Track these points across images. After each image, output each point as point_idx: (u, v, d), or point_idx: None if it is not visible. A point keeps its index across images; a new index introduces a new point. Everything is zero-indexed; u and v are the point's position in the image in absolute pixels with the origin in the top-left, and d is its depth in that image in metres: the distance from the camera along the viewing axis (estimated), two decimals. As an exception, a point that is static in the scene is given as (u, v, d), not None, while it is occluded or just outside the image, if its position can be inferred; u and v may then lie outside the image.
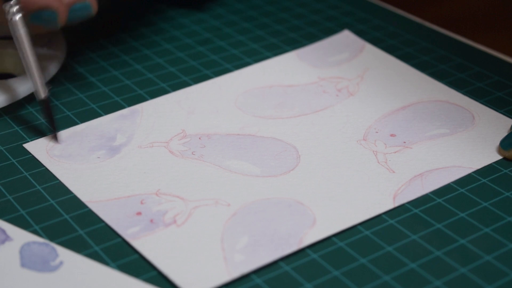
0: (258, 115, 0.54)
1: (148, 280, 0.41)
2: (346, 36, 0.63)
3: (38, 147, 0.51)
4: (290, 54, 0.61)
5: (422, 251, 0.43)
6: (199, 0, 0.69)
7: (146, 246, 0.43)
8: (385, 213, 0.46)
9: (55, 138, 0.52)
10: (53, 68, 0.56)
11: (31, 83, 0.52)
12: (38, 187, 0.47)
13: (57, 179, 0.48)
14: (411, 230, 0.45)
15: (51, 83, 0.58)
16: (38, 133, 0.52)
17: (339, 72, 0.59)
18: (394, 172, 0.49)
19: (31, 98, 0.56)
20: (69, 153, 0.50)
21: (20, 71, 0.57)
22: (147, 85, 0.58)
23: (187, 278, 0.41)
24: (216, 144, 0.51)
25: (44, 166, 0.49)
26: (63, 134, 0.52)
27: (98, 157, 0.50)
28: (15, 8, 0.51)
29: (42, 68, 0.56)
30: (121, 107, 0.55)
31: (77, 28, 0.66)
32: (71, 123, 0.53)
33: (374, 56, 0.60)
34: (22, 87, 0.54)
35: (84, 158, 0.50)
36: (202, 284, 0.41)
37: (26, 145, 0.51)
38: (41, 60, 0.56)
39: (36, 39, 0.59)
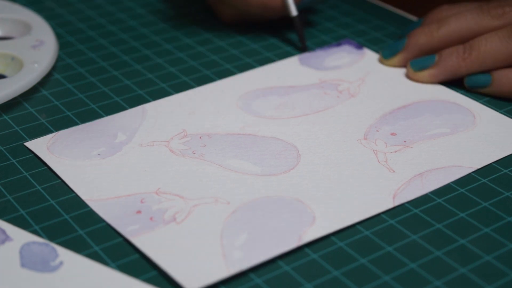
0: (259, 115, 0.54)
1: (148, 280, 0.41)
2: (347, 46, 0.62)
3: (39, 145, 0.51)
4: (291, 59, 0.61)
5: (422, 251, 0.43)
6: None
7: (146, 243, 0.43)
8: (385, 213, 0.46)
9: (304, 50, 0.61)
10: (43, 70, 0.56)
11: None
12: (38, 187, 0.47)
13: (57, 178, 0.48)
14: (411, 230, 0.44)
15: (51, 83, 0.58)
16: (38, 133, 0.52)
17: (341, 75, 0.59)
18: (394, 171, 0.49)
19: (31, 98, 0.56)
20: (69, 150, 0.50)
21: (11, 72, 0.57)
22: (147, 85, 0.58)
23: (185, 274, 0.41)
24: (216, 143, 0.51)
25: (44, 166, 0.49)
26: (63, 132, 0.52)
27: (99, 154, 0.50)
28: None
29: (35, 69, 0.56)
30: (121, 107, 0.55)
31: (76, 28, 0.66)
32: (71, 123, 0.53)
33: (375, 62, 0.60)
34: (13, 87, 0.54)
35: (84, 155, 0.50)
36: (200, 280, 0.41)
37: (27, 143, 0.51)
38: (31, 64, 0.56)
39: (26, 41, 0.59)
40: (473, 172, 0.49)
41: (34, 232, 0.44)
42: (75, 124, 0.53)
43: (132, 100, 0.56)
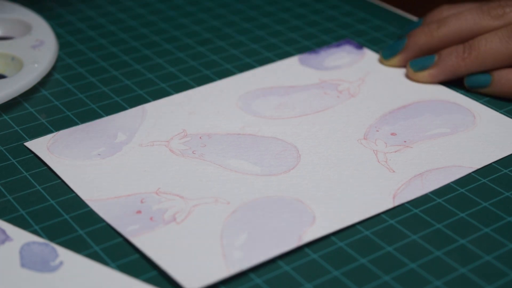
0: (259, 115, 0.54)
1: (148, 280, 0.41)
2: (347, 46, 0.63)
3: (39, 145, 0.51)
4: (291, 59, 0.61)
5: (422, 251, 0.43)
6: None
7: (146, 243, 0.43)
8: (385, 213, 0.46)
9: None
10: (42, 71, 0.56)
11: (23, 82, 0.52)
12: (38, 187, 0.47)
13: (57, 178, 0.48)
14: (411, 230, 0.45)
15: (51, 83, 0.58)
16: (38, 133, 0.52)
17: (341, 75, 0.59)
18: (394, 171, 0.49)
19: (31, 98, 0.56)
20: (69, 150, 0.50)
21: (11, 72, 0.57)
22: (147, 85, 0.58)
23: (185, 274, 0.41)
24: (216, 143, 0.51)
25: (44, 166, 0.49)
26: (63, 132, 0.52)
27: (99, 154, 0.50)
28: None
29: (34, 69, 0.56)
30: (121, 107, 0.55)
31: (76, 28, 0.66)
32: (71, 123, 0.53)
33: (375, 62, 0.60)
34: (13, 87, 0.54)
35: (84, 155, 0.50)
36: (200, 280, 0.41)
37: (27, 143, 0.51)
38: (32, 63, 0.56)
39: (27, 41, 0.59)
40: (473, 172, 0.49)
41: (34, 232, 0.44)
42: (75, 124, 0.53)
43: (132, 100, 0.56)
